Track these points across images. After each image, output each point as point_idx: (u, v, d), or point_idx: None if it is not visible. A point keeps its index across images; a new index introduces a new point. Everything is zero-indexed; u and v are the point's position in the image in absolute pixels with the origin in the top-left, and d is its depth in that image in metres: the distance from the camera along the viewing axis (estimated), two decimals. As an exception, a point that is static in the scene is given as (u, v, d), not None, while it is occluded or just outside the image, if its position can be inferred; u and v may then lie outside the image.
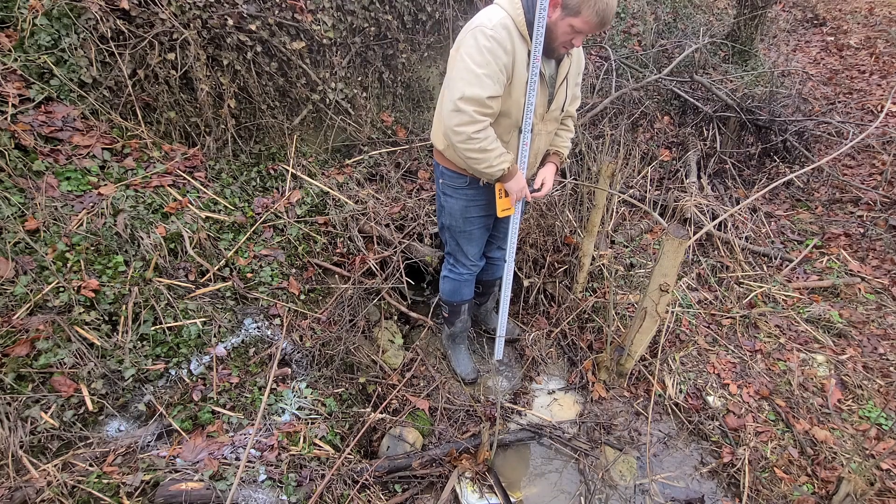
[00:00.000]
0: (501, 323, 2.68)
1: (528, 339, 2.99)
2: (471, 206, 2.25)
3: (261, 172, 2.91)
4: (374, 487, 2.11)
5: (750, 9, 4.84)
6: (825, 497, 2.25)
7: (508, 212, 2.17)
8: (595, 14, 1.70)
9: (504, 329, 2.73)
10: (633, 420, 2.65)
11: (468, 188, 2.20)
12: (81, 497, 1.77)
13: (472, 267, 2.52)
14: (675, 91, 4.30)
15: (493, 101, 1.83)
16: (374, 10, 3.10)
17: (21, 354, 1.90)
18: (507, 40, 1.78)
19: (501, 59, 1.78)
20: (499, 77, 1.80)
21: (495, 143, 1.91)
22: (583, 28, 1.75)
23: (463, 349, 2.89)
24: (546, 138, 2.15)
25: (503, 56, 1.78)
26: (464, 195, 2.23)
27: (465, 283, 2.58)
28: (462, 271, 2.53)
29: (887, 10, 6.74)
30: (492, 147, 1.89)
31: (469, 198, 2.24)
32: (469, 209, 2.26)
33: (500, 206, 2.14)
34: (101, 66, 2.43)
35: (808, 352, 2.89)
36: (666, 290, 2.24)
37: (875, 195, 3.82)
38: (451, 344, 2.90)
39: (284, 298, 2.56)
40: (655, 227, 3.67)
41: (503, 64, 1.79)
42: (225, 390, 2.20)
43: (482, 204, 2.26)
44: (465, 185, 2.20)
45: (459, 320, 2.75)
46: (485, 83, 1.78)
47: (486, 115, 1.85)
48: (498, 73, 1.79)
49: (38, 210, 2.12)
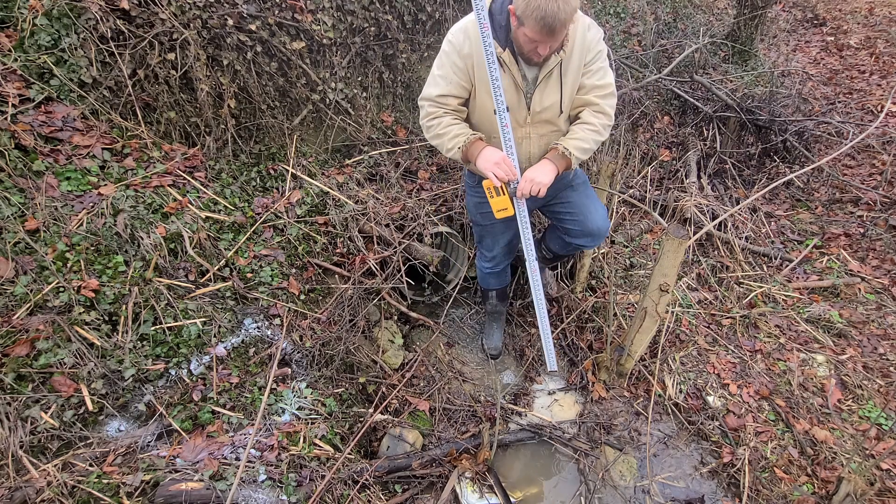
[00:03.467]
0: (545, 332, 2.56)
1: (528, 339, 2.99)
2: (483, 202, 2.29)
3: (261, 172, 2.91)
4: (374, 487, 2.11)
5: (750, 9, 4.84)
6: (825, 497, 2.25)
7: (505, 213, 2.09)
8: (537, 23, 1.62)
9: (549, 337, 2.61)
10: (633, 420, 2.65)
11: (479, 186, 2.29)
12: (81, 497, 1.77)
13: (492, 260, 2.64)
14: (675, 91, 4.30)
15: (444, 100, 1.96)
16: (374, 10, 3.09)
17: (21, 354, 1.90)
18: (463, 44, 1.85)
19: (455, 62, 1.88)
20: (452, 77, 1.91)
21: (448, 128, 1.98)
22: (535, 38, 1.69)
23: (496, 326, 3.05)
24: (539, 141, 2.06)
25: (457, 60, 1.88)
26: (476, 192, 2.34)
27: (489, 274, 2.76)
28: (485, 264, 2.70)
29: (887, 10, 6.74)
30: (444, 131, 1.99)
31: (481, 196, 2.27)
32: (481, 205, 2.35)
33: (495, 206, 2.07)
34: (101, 66, 2.43)
35: (808, 352, 2.89)
36: (666, 290, 2.24)
37: (875, 195, 3.82)
38: (486, 318, 3.11)
39: (284, 298, 2.56)
40: (655, 227, 3.67)
41: (458, 67, 1.89)
42: (225, 390, 2.20)
43: None
44: (476, 183, 2.31)
45: (489, 303, 2.99)
46: (438, 83, 1.94)
47: (437, 113, 1.99)
48: (451, 74, 1.91)
49: (38, 210, 2.12)
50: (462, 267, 3.21)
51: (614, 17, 4.87)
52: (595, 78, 1.98)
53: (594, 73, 1.97)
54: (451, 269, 3.38)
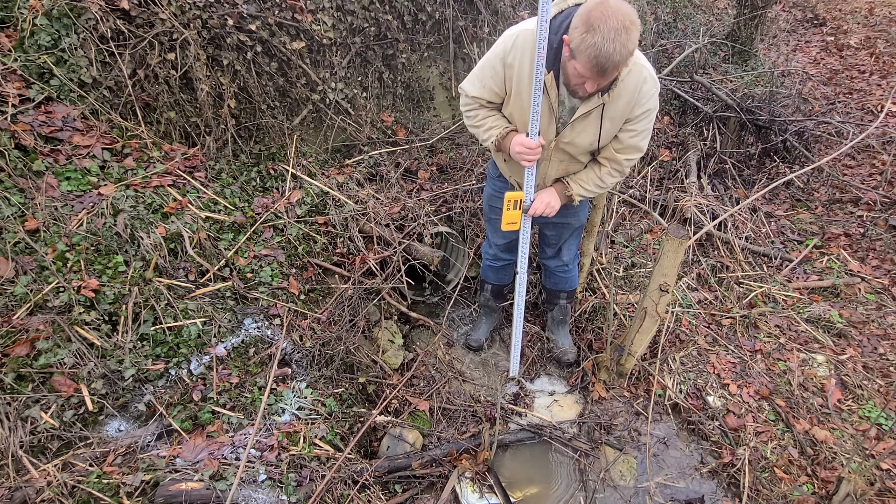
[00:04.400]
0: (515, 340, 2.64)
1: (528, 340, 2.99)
2: (495, 195, 2.41)
3: (261, 172, 2.91)
4: (374, 487, 2.11)
5: (750, 9, 4.84)
6: (825, 497, 2.25)
7: (513, 227, 2.16)
8: (589, 60, 1.57)
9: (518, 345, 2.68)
10: (633, 420, 2.65)
11: (497, 179, 2.39)
12: (81, 497, 1.77)
13: (494, 251, 2.67)
14: (675, 91, 4.30)
15: (477, 101, 2.01)
16: (374, 10, 3.09)
17: (21, 354, 1.90)
18: (509, 52, 1.83)
19: (495, 66, 1.89)
20: (488, 82, 1.94)
21: (484, 120, 2.05)
22: (584, 73, 1.64)
23: (484, 321, 3.06)
24: (557, 166, 2.10)
25: (498, 65, 1.88)
26: (493, 185, 2.43)
27: (488, 267, 2.78)
28: (488, 251, 2.73)
29: (887, 10, 6.74)
30: (479, 123, 2.06)
31: (496, 188, 2.41)
32: (493, 198, 2.44)
33: (505, 218, 2.13)
34: (101, 66, 2.43)
35: (808, 352, 2.89)
36: (666, 290, 2.24)
37: (875, 195, 3.82)
38: (479, 309, 3.10)
39: (284, 298, 2.56)
40: (655, 227, 3.67)
41: (496, 72, 1.90)
42: (225, 390, 2.20)
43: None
44: (497, 175, 2.38)
45: (482, 295, 2.96)
46: (475, 83, 1.98)
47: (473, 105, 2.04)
48: (488, 79, 1.93)
49: (38, 210, 2.12)
50: (462, 267, 3.21)
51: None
52: (635, 139, 1.97)
53: (636, 134, 1.96)
54: (451, 269, 3.38)
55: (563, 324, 2.93)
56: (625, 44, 1.53)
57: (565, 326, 2.94)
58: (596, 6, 1.54)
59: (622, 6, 1.54)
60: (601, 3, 1.54)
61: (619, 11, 1.52)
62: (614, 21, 1.51)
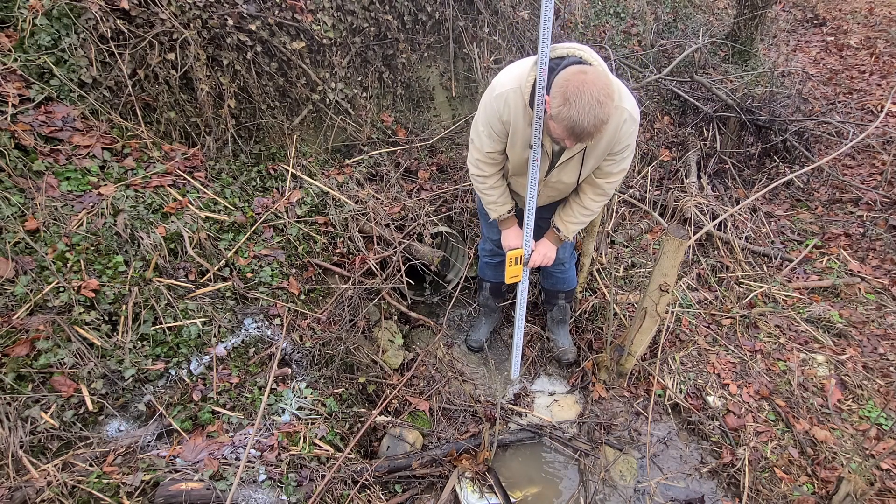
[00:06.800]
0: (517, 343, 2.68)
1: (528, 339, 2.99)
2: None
3: (261, 172, 2.91)
4: (374, 487, 2.11)
5: (750, 9, 4.84)
6: (825, 497, 2.25)
7: (515, 279, 2.37)
8: (565, 130, 1.64)
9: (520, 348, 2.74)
10: (633, 420, 2.65)
11: None
12: (81, 497, 1.77)
13: (490, 246, 2.70)
14: (675, 91, 4.30)
15: (491, 156, 2.09)
16: (374, 10, 3.09)
17: (21, 354, 1.90)
18: (503, 111, 1.90)
19: (495, 126, 1.98)
20: (494, 136, 2.01)
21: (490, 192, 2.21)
22: (559, 134, 1.71)
23: (484, 321, 3.08)
24: (547, 199, 2.28)
25: (497, 124, 1.96)
26: None
27: (486, 264, 2.81)
28: (485, 247, 2.75)
29: (887, 10, 6.73)
30: (487, 194, 2.23)
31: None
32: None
33: (509, 272, 2.34)
34: (101, 66, 2.43)
35: (808, 352, 2.89)
36: (666, 290, 2.24)
37: (875, 195, 3.82)
38: (479, 309, 3.11)
39: (284, 298, 2.56)
40: (655, 227, 3.67)
41: (498, 129, 1.99)
42: (225, 390, 2.20)
43: None
44: None
45: (482, 294, 2.97)
46: (484, 141, 2.05)
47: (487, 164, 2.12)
48: (494, 134, 2.01)
49: (38, 210, 2.12)
50: (462, 267, 3.21)
51: (614, 17, 4.87)
52: (614, 167, 2.08)
53: (616, 163, 2.06)
54: (451, 269, 3.38)
55: (562, 324, 2.93)
56: (599, 116, 1.59)
57: (565, 326, 2.94)
58: (574, 76, 1.59)
59: (598, 78, 1.59)
60: (578, 74, 1.59)
61: (594, 85, 1.57)
62: (588, 96, 1.56)
